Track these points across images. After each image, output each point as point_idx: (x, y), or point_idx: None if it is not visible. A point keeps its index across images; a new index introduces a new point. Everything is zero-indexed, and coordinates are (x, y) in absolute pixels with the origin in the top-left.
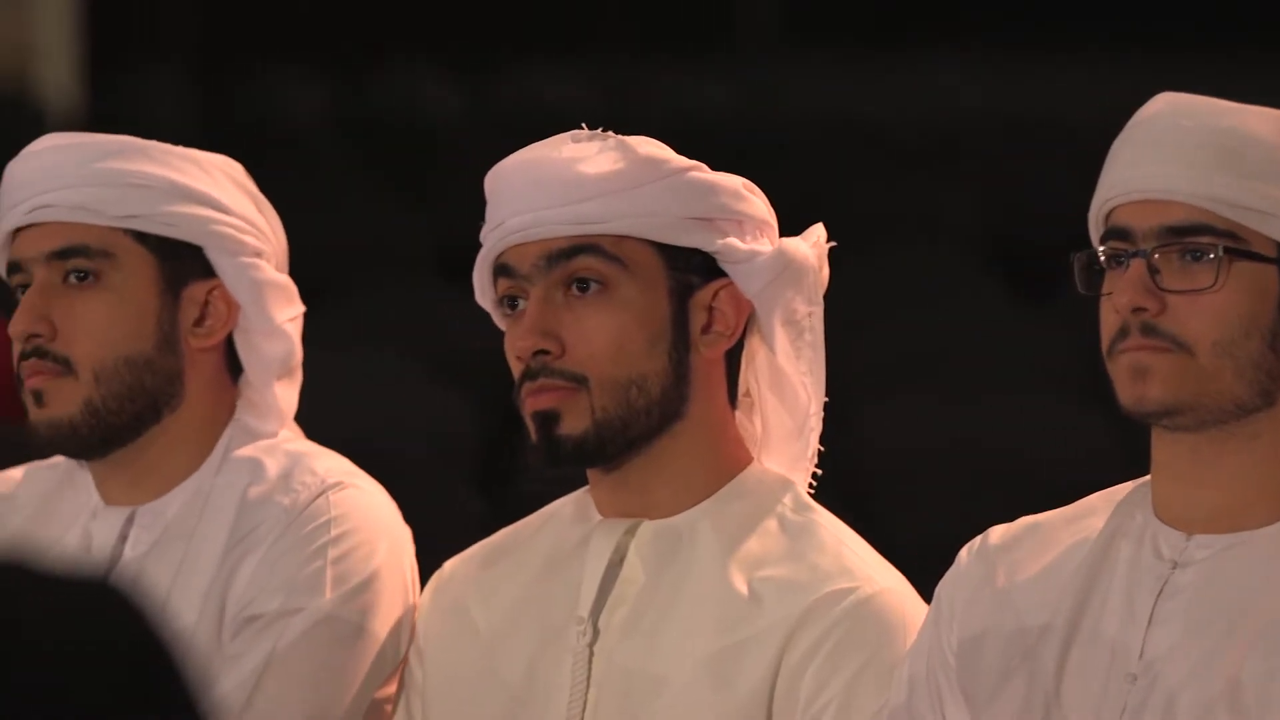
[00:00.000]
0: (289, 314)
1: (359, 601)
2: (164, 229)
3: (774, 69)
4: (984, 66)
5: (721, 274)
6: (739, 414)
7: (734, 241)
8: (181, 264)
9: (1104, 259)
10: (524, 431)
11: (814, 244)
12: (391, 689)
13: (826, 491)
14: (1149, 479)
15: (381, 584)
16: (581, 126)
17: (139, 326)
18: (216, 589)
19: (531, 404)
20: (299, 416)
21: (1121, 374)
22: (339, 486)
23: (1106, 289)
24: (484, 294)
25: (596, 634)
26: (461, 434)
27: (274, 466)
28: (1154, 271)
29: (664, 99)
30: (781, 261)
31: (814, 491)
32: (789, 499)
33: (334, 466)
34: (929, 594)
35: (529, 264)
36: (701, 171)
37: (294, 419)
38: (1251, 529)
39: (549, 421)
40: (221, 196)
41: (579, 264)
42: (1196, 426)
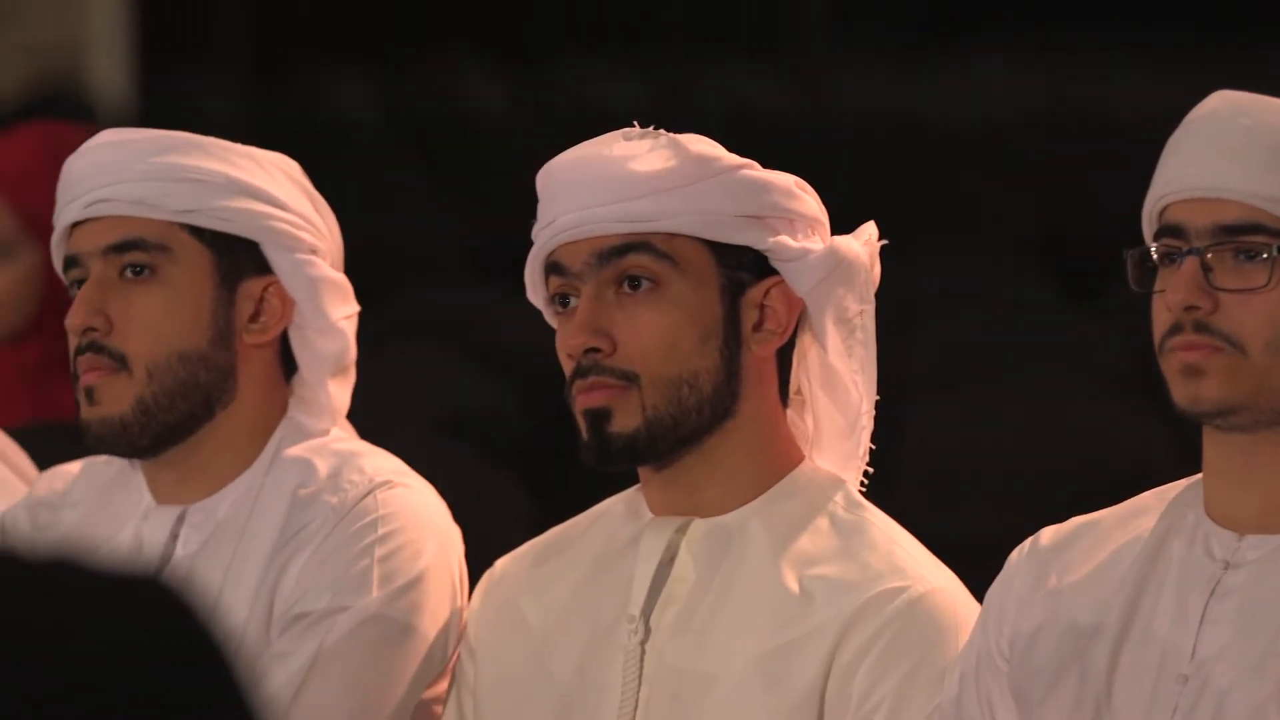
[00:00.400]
0: (344, 311)
1: (406, 600)
2: (220, 224)
3: (826, 67)
4: (1036, 64)
5: (773, 272)
6: (790, 412)
7: (785, 239)
8: (237, 259)
9: (1157, 256)
10: (575, 429)
11: (865, 242)
12: (440, 688)
13: (878, 490)
14: (1200, 477)
15: (429, 583)
16: (633, 124)
17: (194, 321)
18: (265, 588)
19: (582, 402)
20: (350, 414)
21: (1174, 372)
22: (387, 485)
23: (1159, 286)
24: (535, 292)
25: (648, 632)
26: (512, 432)
27: (323, 466)
28: (1207, 270)
29: (716, 97)
30: (833, 259)
31: (865, 490)
32: (840, 497)
33: (383, 465)
34: (980, 593)
35: (580, 262)
36: (753, 169)
37: (345, 417)
38: None
39: (600, 419)
40: (278, 192)
41: (630, 262)
42: (1250, 426)
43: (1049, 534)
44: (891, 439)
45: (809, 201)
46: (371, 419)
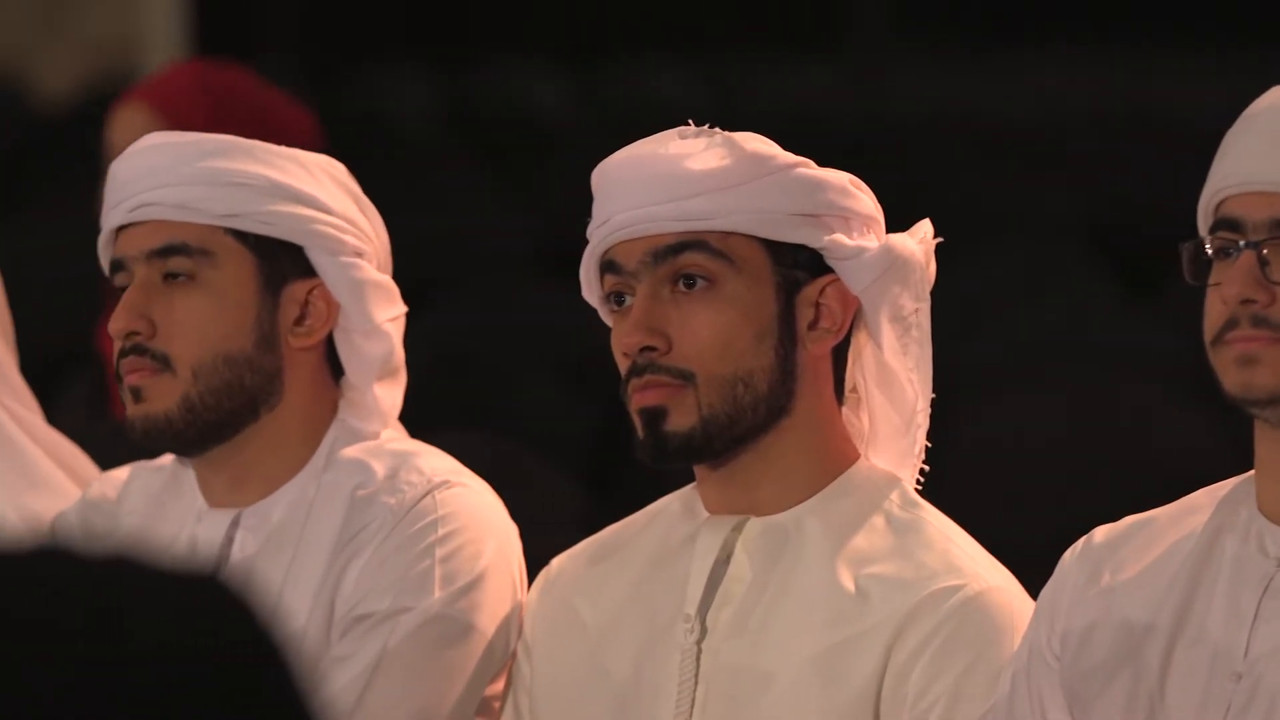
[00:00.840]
0: (389, 314)
1: (467, 600)
2: (264, 228)
3: (882, 65)
4: (1092, 62)
5: (828, 270)
6: (845, 410)
7: (841, 238)
8: (282, 263)
9: (1212, 250)
10: (631, 428)
11: (921, 240)
12: (500, 686)
13: (933, 488)
14: (1253, 474)
15: (490, 582)
16: (688, 123)
17: (238, 325)
18: (325, 591)
19: (638, 400)
20: (404, 414)
21: (1227, 362)
22: (445, 485)
23: (1214, 279)
24: (591, 290)
25: (704, 631)
26: (569, 430)
27: (380, 467)
28: (1264, 263)
29: (772, 95)
30: (888, 258)
31: (921, 488)
32: (896, 495)
33: (440, 466)
34: (1036, 591)
35: (635, 260)
36: (808, 168)
37: (399, 416)
38: None
39: (656, 418)
40: (322, 195)
41: (685, 260)
42: None
43: (1102, 533)
44: (947, 437)
45: (864, 199)
46: (430, 418)
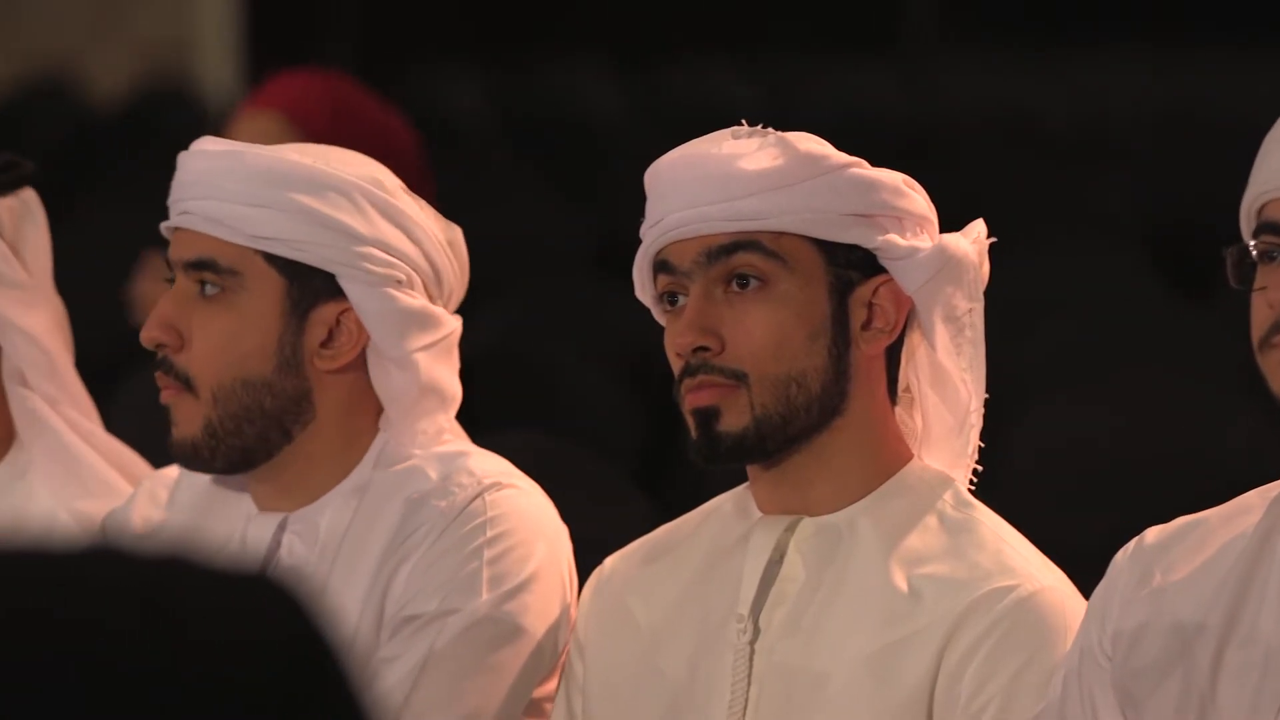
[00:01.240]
0: (423, 341)
1: (516, 603)
2: (294, 253)
3: (935, 65)
4: (1144, 62)
5: (881, 270)
6: (899, 410)
7: (894, 238)
8: (312, 285)
9: (1256, 253)
10: (684, 428)
11: (974, 240)
12: (550, 687)
13: (986, 488)
14: None
15: (539, 585)
16: (742, 122)
17: (259, 348)
18: (375, 594)
19: (691, 400)
20: (459, 414)
21: (1274, 365)
22: (495, 487)
23: (1259, 283)
24: (644, 290)
25: (757, 631)
26: (622, 430)
27: (431, 469)
28: None
29: (825, 95)
30: (942, 258)
31: (974, 488)
32: (949, 496)
33: (491, 468)
34: (1088, 592)
35: (689, 260)
36: (861, 168)
37: (456, 413)
38: None
39: (709, 418)
40: (359, 225)
41: (739, 260)
42: None
43: (1154, 534)
44: (1000, 437)
45: (917, 199)
46: (483, 418)
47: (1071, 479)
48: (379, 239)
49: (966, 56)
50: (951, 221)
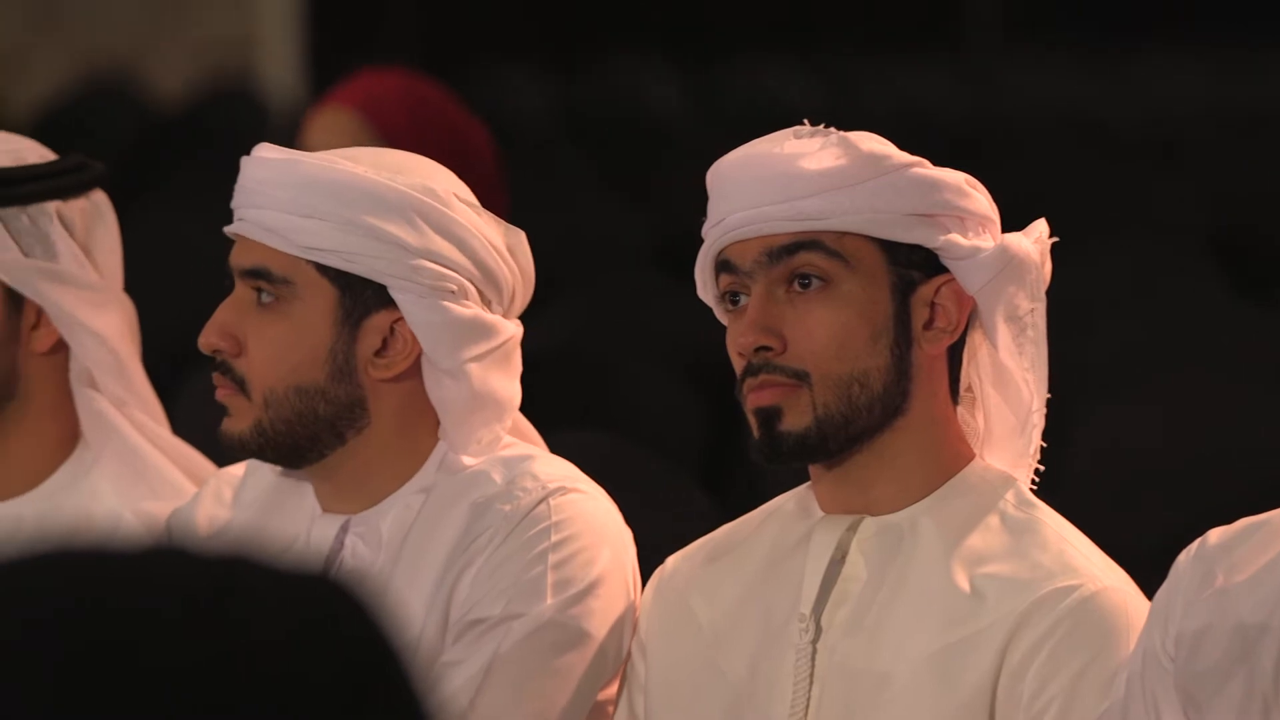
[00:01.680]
0: (475, 351)
1: (580, 607)
2: (345, 264)
3: (998, 65)
4: (1208, 62)
5: (943, 270)
6: (961, 410)
7: (956, 237)
8: (364, 296)
9: None
10: (746, 427)
11: (1036, 240)
12: (613, 691)
13: (1049, 488)
14: None
15: (603, 589)
16: (804, 122)
17: (311, 357)
18: (440, 598)
19: (753, 400)
20: (523, 409)
21: None
22: (560, 491)
23: None
24: (706, 289)
25: (819, 631)
26: (685, 429)
27: (495, 473)
28: None
29: (888, 95)
30: (1004, 257)
31: (1036, 488)
32: (1011, 495)
33: (555, 471)
34: (1152, 593)
35: (750, 260)
36: (924, 167)
37: (519, 412)
38: None
39: (771, 418)
40: (408, 236)
41: (800, 260)
42: None
43: (1216, 535)
44: (1062, 437)
45: (980, 199)
46: (544, 418)
47: (1133, 479)
48: (430, 250)
49: (1028, 55)
50: (1013, 221)
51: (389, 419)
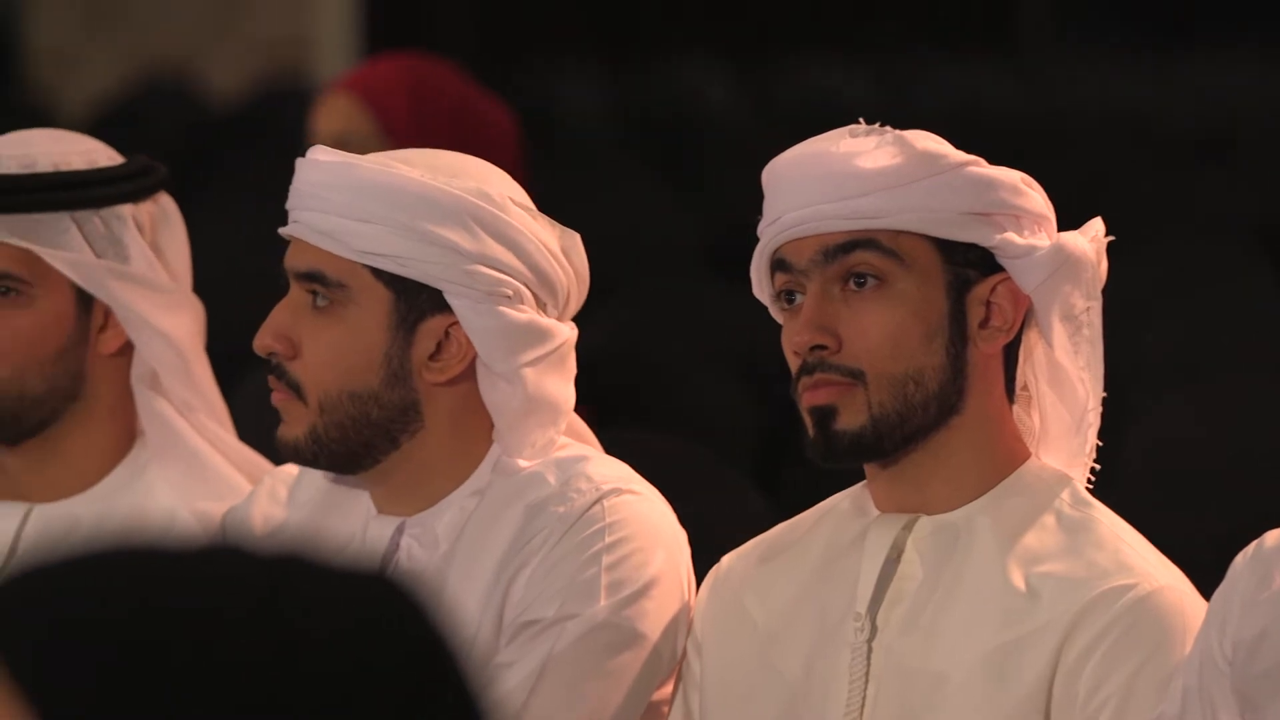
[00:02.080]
0: (530, 356)
1: (634, 608)
2: (399, 269)
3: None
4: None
5: (999, 269)
6: (1016, 409)
7: (1012, 236)
8: (419, 300)
9: None
10: (801, 426)
11: (1092, 238)
12: (668, 692)
13: (1104, 487)
14: None
15: (657, 590)
16: (859, 121)
17: (366, 362)
18: (495, 599)
19: (808, 399)
20: (576, 409)
21: None
22: (614, 493)
23: None
24: (761, 288)
25: (874, 630)
26: (739, 429)
27: (550, 475)
28: None
29: (943, 93)
30: (1060, 256)
31: (1092, 487)
32: (1067, 494)
33: (610, 473)
34: (1208, 592)
35: (806, 259)
36: (979, 166)
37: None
38: None
39: (826, 417)
40: (463, 241)
41: (856, 259)
42: None
43: (1273, 537)
44: (1118, 436)
45: (1035, 198)
46: (599, 418)
47: (1188, 478)
48: (485, 256)
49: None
50: (1068, 219)
51: (443, 422)
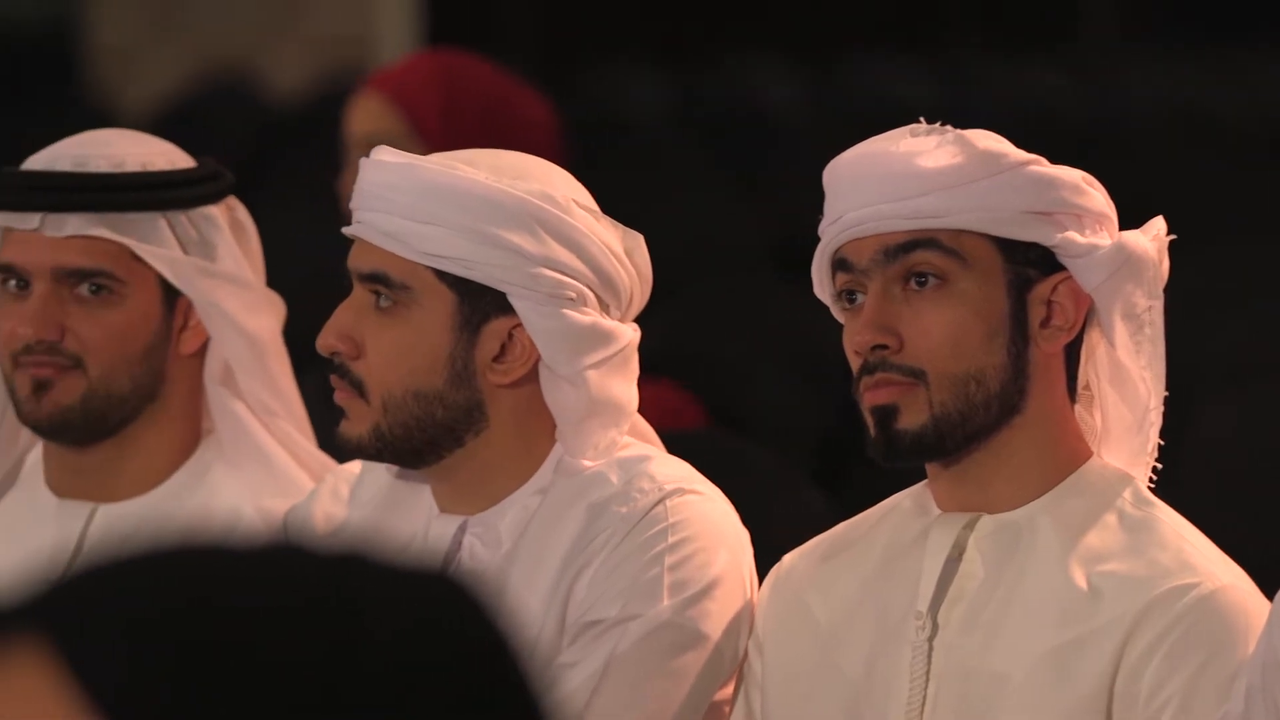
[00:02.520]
0: (594, 358)
1: (696, 609)
2: (463, 270)
3: (1115, 62)
4: None
5: (1060, 268)
6: (1078, 408)
7: (1073, 235)
8: (483, 302)
9: None
10: (863, 426)
11: (1154, 237)
12: (730, 690)
13: (1166, 486)
14: None
15: (720, 591)
16: (920, 120)
17: (430, 362)
18: (557, 600)
19: (870, 399)
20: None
21: None
22: (678, 493)
23: None
24: (822, 288)
25: (935, 629)
26: (801, 428)
27: (613, 475)
28: None
29: (1004, 92)
30: (1121, 255)
31: (1154, 486)
32: (1129, 494)
33: (672, 473)
34: (1271, 592)
35: (867, 258)
36: (1041, 165)
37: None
38: None
39: (887, 416)
40: (527, 244)
41: (917, 258)
42: None
43: None
44: (1180, 435)
45: (1097, 197)
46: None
47: (1250, 478)
48: (549, 258)
49: (1144, 53)
50: (1130, 218)
51: (507, 422)
